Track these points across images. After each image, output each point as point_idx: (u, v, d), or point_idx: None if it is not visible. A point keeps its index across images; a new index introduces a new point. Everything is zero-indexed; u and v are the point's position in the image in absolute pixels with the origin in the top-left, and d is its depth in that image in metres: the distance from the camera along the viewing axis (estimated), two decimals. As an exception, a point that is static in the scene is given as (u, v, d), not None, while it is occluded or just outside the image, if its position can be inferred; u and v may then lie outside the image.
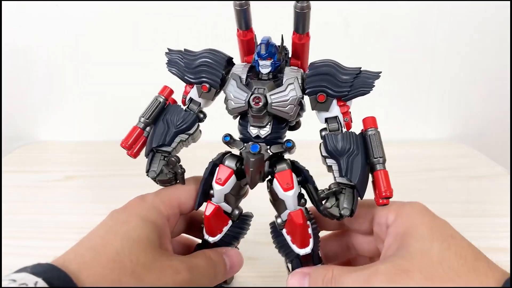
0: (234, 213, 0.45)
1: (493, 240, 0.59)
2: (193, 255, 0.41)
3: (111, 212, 0.40)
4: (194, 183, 0.44)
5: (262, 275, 0.53)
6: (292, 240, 0.43)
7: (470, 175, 0.81)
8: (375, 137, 0.41)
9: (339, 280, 0.37)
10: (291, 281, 0.41)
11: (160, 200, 0.42)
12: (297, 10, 0.38)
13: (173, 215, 0.42)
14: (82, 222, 0.65)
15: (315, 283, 0.39)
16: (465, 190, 0.75)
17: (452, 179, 0.80)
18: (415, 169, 0.83)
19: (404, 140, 0.96)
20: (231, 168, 0.43)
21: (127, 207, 0.41)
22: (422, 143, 0.97)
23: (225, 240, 0.46)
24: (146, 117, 0.44)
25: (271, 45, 0.40)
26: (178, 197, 0.43)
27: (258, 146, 0.42)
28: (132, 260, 0.34)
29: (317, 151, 0.44)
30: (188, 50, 0.45)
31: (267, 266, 0.55)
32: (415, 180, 0.79)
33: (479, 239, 0.42)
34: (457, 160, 0.88)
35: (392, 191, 0.40)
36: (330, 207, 0.40)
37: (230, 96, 0.41)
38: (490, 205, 0.69)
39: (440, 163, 0.87)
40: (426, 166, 0.85)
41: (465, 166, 0.85)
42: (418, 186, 0.77)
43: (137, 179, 0.77)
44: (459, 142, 0.99)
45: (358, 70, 0.41)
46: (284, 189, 0.42)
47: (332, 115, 0.42)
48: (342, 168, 0.40)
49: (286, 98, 0.40)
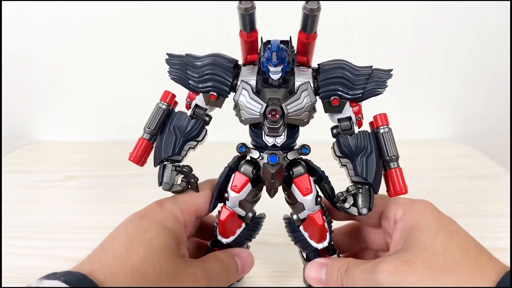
0: (248, 216, 0.45)
1: (493, 240, 0.58)
2: (207, 259, 0.42)
3: (131, 216, 0.41)
4: (210, 188, 0.44)
5: (271, 275, 0.53)
6: (310, 236, 0.44)
7: (470, 175, 0.81)
8: (388, 135, 0.42)
9: (350, 271, 0.39)
10: (309, 271, 0.43)
11: (177, 207, 0.42)
12: (307, 12, 0.37)
13: (190, 221, 0.43)
14: (82, 222, 0.65)
15: (331, 273, 0.41)
16: (465, 190, 0.75)
17: (452, 179, 0.80)
18: (416, 169, 0.83)
19: (405, 140, 0.95)
20: (247, 175, 0.43)
21: (147, 213, 0.41)
22: (423, 143, 0.97)
23: (237, 241, 0.46)
24: (152, 128, 0.43)
25: (281, 50, 0.39)
26: (195, 203, 0.43)
27: (276, 157, 0.41)
28: (156, 269, 0.35)
29: (328, 151, 0.44)
30: (191, 54, 0.43)
31: (275, 266, 0.55)
32: (415, 180, 0.78)
33: (479, 239, 0.42)
34: (457, 160, 0.88)
35: (407, 187, 0.41)
36: (349, 208, 0.41)
37: (243, 106, 0.40)
38: (490, 205, 0.69)
39: (441, 163, 0.86)
40: (427, 166, 0.85)
41: (465, 166, 0.85)
42: (419, 186, 0.76)
43: (137, 179, 0.77)
44: (459, 142, 0.99)
45: (370, 69, 0.41)
46: (303, 194, 0.42)
47: (345, 116, 0.42)
48: (357, 168, 0.41)
49: (301, 106, 0.40)
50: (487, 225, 0.63)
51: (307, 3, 0.36)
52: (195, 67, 0.41)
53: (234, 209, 0.44)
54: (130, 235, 0.38)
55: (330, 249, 0.45)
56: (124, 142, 0.65)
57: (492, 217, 0.65)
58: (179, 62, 0.42)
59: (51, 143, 0.98)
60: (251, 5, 0.37)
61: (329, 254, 0.45)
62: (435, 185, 0.77)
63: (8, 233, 0.61)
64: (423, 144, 0.96)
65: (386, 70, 0.41)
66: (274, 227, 0.49)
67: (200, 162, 0.48)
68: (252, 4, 0.37)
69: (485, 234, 0.40)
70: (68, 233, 0.62)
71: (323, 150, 0.46)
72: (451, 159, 0.89)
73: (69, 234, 0.62)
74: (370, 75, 0.41)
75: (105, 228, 0.48)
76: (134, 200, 0.70)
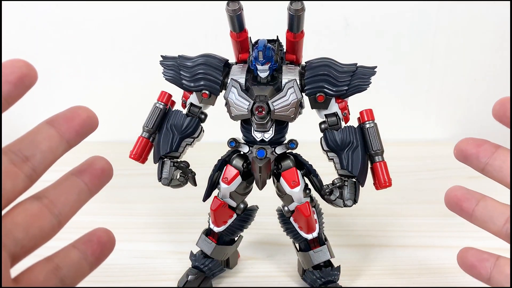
0: (239, 207, 0.48)
1: (493, 240, 0.58)
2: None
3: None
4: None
5: (272, 275, 0.53)
6: (300, 227, 0.46)
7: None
8: (373, 130, 0.43)
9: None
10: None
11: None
12: (291, 13, 0.38)
13: None
14: (82, 222, 0.65)
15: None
16: (465, 190, 0.75)
17: (452, 179, 0.79)
18: (415, 169, 0.83)
19: (404, 140, 0.96)
20: (238, 169, 0.45)
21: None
22: (422, 143, 0.97)
23: (229, 230, 0.49)
24: (150, 126, 0.45)
25: (268, 49, 0.40)
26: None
27: (264, 152, 0.43)
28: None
29: (318, 151, 0.45)
30: (183, 56, 0.45)
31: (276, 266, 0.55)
32: (415, 180, 0.79)
33: (479, 239, 0.42)
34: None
35: (391, 180, 0.43)
36: (335, 200, 0.44)
37: (232, 103, 0.42)
38: (490, 205, 0.69)
39: (440, 163, 0.86)
40: (426, 166, 0.85)
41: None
42: (418, 186, 0.76)
43: (137, 179, 0.77)
44: (459, 142, 0.99)
45: (354, 66, 0.42)
46: (291, 186, 0.44)
47: (331, 112, 0.43)
48: (343, 162, 0.43)
49: (287, 103, 0.41)
50: (487, 225, 0.63)
51: (291, 4, 0.38)
52: (188, 67, 0.44)
53: (225, 200, 0.46)
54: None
55: (320, 239, 0.47)
56: (124, 142, 0.65)
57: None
58: (172, 63, 0.45)
59: (51, 143, 0.98)
60: (238, 7, 0.39)
61: (319, 244, 0.47)
62: (435, 185, 0.77)
63: (8, 233, 0.61)
64: (423, 144, 0.96)
65: (370, 67, 0.43)
66: (276, 227, 0.50)
67: (200, 162, 0.49)
68: (240, 6, 0.39)
69: (485, 234, 0.40)
70: (68, 233, 0.61)
71: (314, 151, 0.47)
72: (451, 159, 0.88)
73: (69, 234, 0.61)
74: (355, 72, 0.42)
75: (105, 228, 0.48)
76: (134, 200, 0.71)
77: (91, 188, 0.35)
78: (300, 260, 0.49)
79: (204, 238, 0.49)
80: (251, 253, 0.56)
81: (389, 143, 0.52)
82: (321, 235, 0.47)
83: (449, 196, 0.40)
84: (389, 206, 0.50)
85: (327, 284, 0.47)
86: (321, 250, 0.46)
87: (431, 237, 0.47)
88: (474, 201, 0.39)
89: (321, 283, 0.47)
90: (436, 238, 0.47)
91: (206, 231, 0.49)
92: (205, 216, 0.49)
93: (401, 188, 0.51)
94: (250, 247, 0.57)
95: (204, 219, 0.50)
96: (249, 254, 0.56)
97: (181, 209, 0.67)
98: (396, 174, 0.46)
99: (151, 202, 0.70)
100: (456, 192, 0.40)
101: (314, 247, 0.47)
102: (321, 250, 0.46)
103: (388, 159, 0.44)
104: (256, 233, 0.59)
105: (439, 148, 0.95)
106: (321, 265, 0.47)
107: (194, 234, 0.51)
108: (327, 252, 0.47)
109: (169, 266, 0.54)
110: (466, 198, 0.39)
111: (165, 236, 0.60)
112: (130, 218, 0.62)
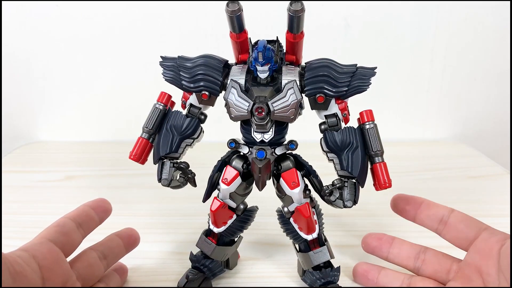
0: (239, 208, 0.48)
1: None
2: None
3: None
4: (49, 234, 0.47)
5: (272, 275, 0.53)
6: (300, 228, 0.46)
7: (470, 175, 0.81)
8: (373, 131, 0.43)
9: None
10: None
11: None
12: (291, 13, 0.38)
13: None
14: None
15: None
16: (465, 190, 0.75)
17: (452, 179, 0.80)
18: (415, 169, 0.83)
19: (404, 140, 0.96)
20: (238, 169, 0.45)
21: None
22: (422, 143, 0.97)
23: (229, 231, 0.48)
24: (150, 127, 0.45)
25: (268, 49, 0.40)
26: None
27: (264, 153, 0.43)
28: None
29: (318, 151, 0.45)
30: (183, 56, 0.45)
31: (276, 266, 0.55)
32: (415, 180, 0.79)
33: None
34: (457, 160, 0.88)
35: (391, 181, 0.43)
36: (334, 201, 0.44)
37: (232, 104, 0.42)
38: (490, 205, 0.69)
39: (440, 163, 0.87)
40: (426, 166, 0.85)
41: (465, 166, 0.85)
42: (418, 186, 0.77)
43: (137, 179, 0.77)
44: (459, 142, 0.99)
45: (354, 67, 0.42)
46: (290, 187, 0.44)
47: (331, 113, 0.43)
48: (343, 163, 0.43)
49: (287, 104, 0.41)
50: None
51: (291, 5, 0.38)
52: (187, 68, 0.44)
53: (225, 201, 0.46)
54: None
55: (320, 240, 0.47)
56: (124, 142, 0.65)
57: (492, 217, 0.65)
58: (172, 64, 0.44)
59: (51, 143, 0.98)
60: (238, 7, 0.39)
61: (319, 245, 0.47)
62: (435, 185, 0.77)
63: (8, 233, 0.61)
64: (423, 144, 0.97)
65: (370, 68, 0.42)
66: (276, 227, 0.50)
67: (200, 163, 0.49)
68: (239, 6, 0.39)
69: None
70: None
71: (314, 150, 0.47)
72: (451, 159, 0.89)
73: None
74: (354, 73, 0.42)
75: (105, 228, 0.49)
76: (134, 200, 0.71)
77: (126, 246, 0.50)
78: (300, 260, 0.49)
79: (204, 238, 0.49)
80: (251, 253, 0.56)
81: (389, 143, 0.52)
82: (321, 236, 0.47)
83: (356, 270, 0.50)
84: (389, 206, 0.50)
85: (327, 285, 0.47)
86: (321, 251, 0.46)
87: (431, 237, 0.48)
88: (377, 272, 0.49)
89: (321, 283, 0.47)
90: (436, 238, 0.47)
91: (206, 231, 0.49)
92: (205, 217, 0.49)
93: (401, 188, 0.51)
94: (250, 248, 0.57)
95: (204, 219, 0.50)
96: (249, 254, 0.56)
97: (181, 210, 0.67)
98: (396, 174, 0.46)
99: (151, 202, 0.70)
100: (362, 266, 0.50)
101: (314, 247, 0.47)
102: (321, 251, 0.46)
103: (388, 159, 0.44)
104: (256, 234, 0.59)
105: (439, 148, 0.95)
106: (321, 265, 0.47)
107: (194, 234, 0.51)
108: (327, 253, 0.46)
109: (169, 266, 0.54)
110: (370, 269, 0.49)
111: (165, 236, 0.60)
112: (130, 219, 0.62)
